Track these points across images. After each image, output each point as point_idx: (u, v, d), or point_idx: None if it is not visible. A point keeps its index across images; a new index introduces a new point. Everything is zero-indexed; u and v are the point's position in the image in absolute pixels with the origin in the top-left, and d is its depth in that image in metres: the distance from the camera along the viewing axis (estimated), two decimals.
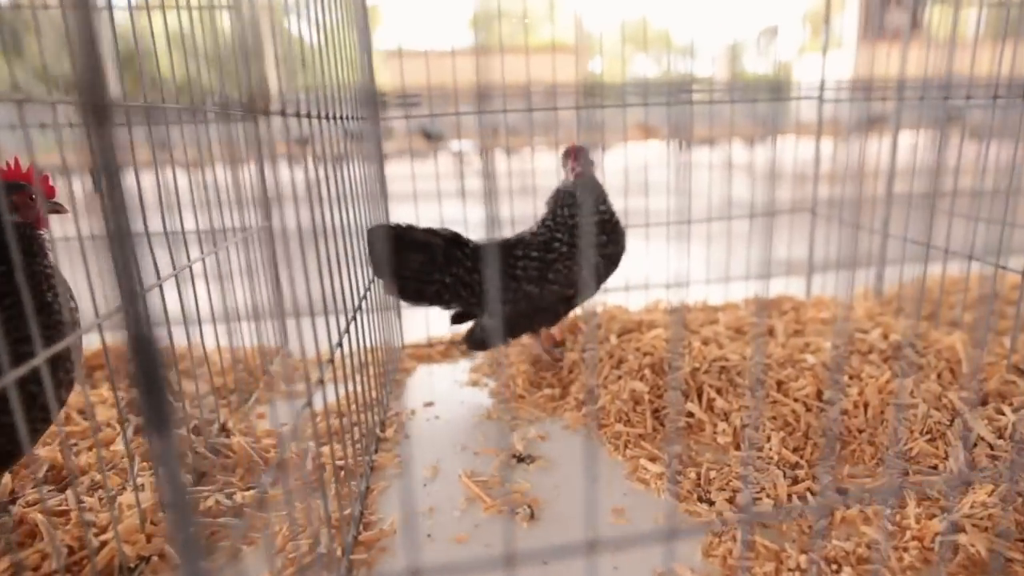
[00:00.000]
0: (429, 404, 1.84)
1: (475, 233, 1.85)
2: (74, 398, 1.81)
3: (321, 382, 1.26)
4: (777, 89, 2.37)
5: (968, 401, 1.53)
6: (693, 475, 1.39)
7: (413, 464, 1.52)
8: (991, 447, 1.39)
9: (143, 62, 1.44)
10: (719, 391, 1.64)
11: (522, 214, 2.07)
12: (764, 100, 2.33)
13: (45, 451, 1.50)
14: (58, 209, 1.22)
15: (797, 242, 2.52)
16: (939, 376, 1.65)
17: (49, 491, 1.39)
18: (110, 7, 1.28)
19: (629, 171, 2.27)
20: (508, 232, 1.90)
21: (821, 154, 2.43)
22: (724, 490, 1.33)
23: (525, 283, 1.76)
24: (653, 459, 1.46)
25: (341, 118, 1.61)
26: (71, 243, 1.25)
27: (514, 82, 2.08)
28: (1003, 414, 1.47)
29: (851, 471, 1.41)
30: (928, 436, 1.45)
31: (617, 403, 1.64)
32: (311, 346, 1.22)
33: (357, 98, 1.81)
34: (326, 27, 1.43)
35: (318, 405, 1.74)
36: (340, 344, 1.39)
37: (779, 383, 1.66)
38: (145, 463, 1.48)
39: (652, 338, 1.88)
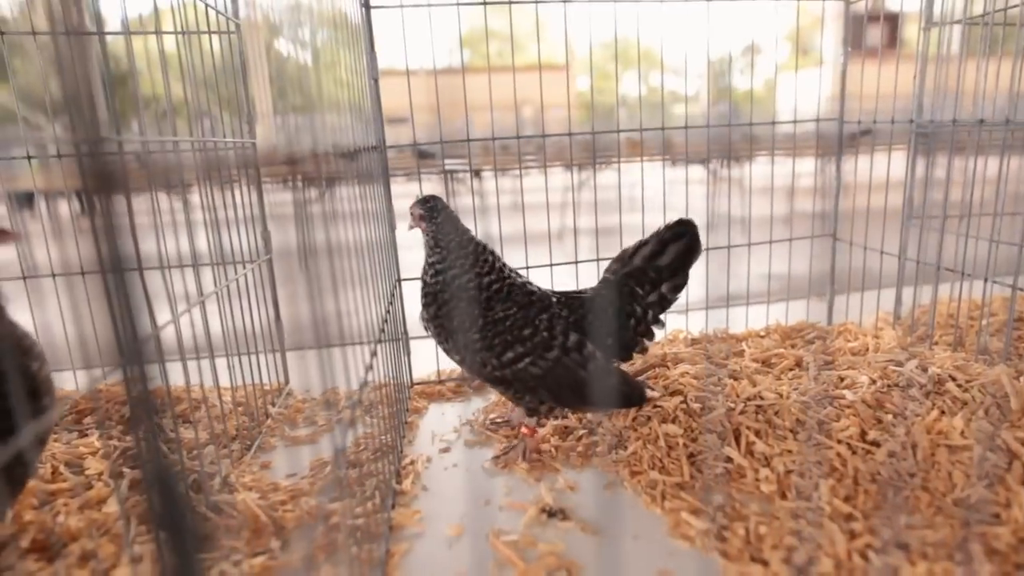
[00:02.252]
0: (445, 450, 1.72)
1: None
2: (60, 448, 1.67)
3: (352, 422, 1.15)
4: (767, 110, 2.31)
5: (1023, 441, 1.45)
6: (741, 531, 1.28)
7: (435, 522, 1.40)
8: None
9: (136, 86, 1.34)
10: (758, 433, 1.54)
11: (514, 231, 2.05)
12: (785, 123, 2.27)
13: (30, 514, 1.37)
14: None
15: (805, 260, 2.45)
16: (987, 412, 1.57)
17: (36, 562, 1.26)
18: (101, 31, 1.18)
19: (643, 189, 2.20)
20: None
21: (842, 174, 2.37)
22: (778, 548, 1.23)
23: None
24: (695, 512, 1.36)
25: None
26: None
27: (504, 102, 2.02)
28: None
29: (908, 521, 1.31)
30: (986, 481, 1.36)
31: (649, 448, 1.54)
32: (321, 381, 1.11)
33: (363, 121, 1.71)
34: (323, 50, 1.35)
35: (329, 451, 1.62)
36: (366, 379, 1.28)
37: (820, 423, 1.56)
38: (143, 526, 1.35)
39: (680, 375, 1.79)
